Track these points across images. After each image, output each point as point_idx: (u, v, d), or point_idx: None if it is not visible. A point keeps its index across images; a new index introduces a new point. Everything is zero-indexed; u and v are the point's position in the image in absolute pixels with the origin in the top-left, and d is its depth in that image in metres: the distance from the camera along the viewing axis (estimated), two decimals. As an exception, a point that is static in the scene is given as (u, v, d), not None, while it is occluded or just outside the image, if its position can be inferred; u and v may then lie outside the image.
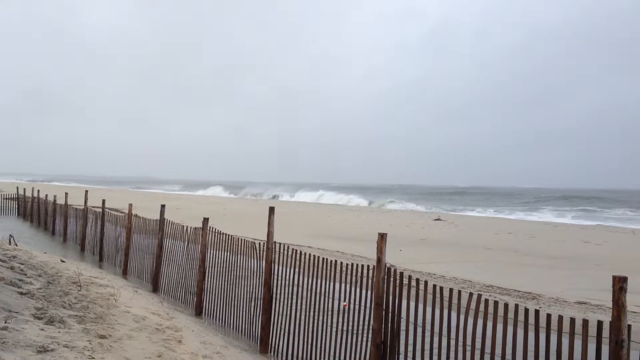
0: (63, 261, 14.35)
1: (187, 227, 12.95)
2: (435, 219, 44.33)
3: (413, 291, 6.73)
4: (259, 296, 9.55)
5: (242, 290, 10.18)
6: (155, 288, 13.94)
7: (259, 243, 10.07)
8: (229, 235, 11.03)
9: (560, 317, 4.93)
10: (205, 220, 11.84)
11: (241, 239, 10.60)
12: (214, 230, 11.56)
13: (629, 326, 4.31)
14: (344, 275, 7.87)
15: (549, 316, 4.99)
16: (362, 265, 7.64)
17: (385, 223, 38.63)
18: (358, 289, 7.50)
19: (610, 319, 4.32)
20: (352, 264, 7.79)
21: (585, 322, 4.71)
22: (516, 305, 5.41)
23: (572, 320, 4.85)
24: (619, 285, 4.27)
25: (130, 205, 16.81)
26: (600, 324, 4.59)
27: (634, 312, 13.17)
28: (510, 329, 5.27)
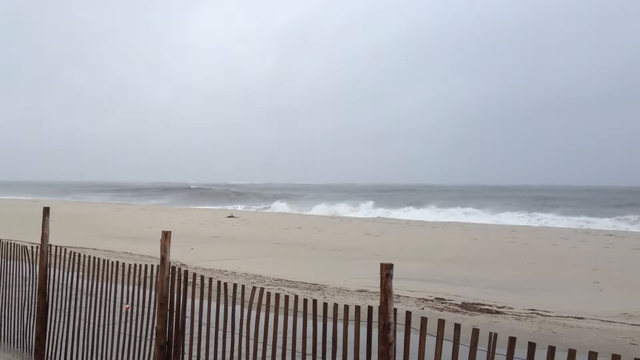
0: None
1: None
2: (228, 216, 44.63)
3: (204, 290, 6.68)
4: (33, 304, 8.78)
5: (14, 299, 9.28)
6: None
7: (32, 247, 9.26)
8: (-4, 239, 9.99)
9: (336, 305, 5.22)
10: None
11: (11, 243, 9.66)
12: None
13: (395, 309, 4.66)
14: (128, 277, 7.54)
15: (325, 305, 5.25)
16: (147, 265, 7.39)
17: (178, 222, 37.97)
18: (142, 290, 7.23)
19: (379, 304, 4.64)
20: (136, 265, 7.50)
21: (357, 308, 5.03)
22: (296, 297, 5.62)
23: (346, 307, 5.16)
24: (386, 272, 4.60)
25: None
26: (370, 309, 4.92)
27: (407, 297, 14.48)
28: (291, 319, 5.46)
